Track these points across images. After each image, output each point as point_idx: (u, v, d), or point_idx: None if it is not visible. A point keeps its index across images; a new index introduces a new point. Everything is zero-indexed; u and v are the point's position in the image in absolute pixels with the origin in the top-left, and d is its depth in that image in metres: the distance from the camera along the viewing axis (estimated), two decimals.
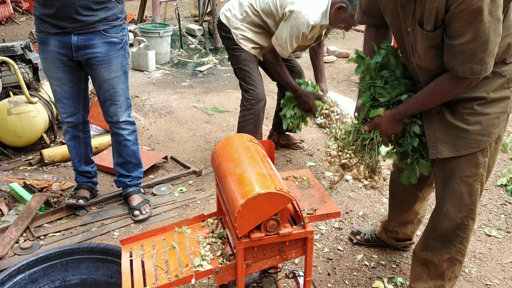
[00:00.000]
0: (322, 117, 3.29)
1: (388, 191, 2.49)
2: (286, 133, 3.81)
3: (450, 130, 1.85)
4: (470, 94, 1.79)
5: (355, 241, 2.68)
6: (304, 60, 5.55)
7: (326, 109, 3.24)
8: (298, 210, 1.64)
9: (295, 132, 3.41)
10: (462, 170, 1.88)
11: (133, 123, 2.93)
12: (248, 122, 3.36)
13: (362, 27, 3.94)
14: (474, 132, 1.82)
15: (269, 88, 3.66)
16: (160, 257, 1.86)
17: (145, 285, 1.75)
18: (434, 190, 2.15)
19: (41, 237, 2.76)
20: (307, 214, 1.77)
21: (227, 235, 1.90)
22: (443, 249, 2.00)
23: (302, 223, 1.66)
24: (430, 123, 1.91)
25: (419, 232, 2.64)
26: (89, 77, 2.80)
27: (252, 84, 3.30)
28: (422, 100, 1.86)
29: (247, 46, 3.26)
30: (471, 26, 1.54)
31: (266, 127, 3.90)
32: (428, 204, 2.50)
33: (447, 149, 1.86)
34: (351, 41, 7.39)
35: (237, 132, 3.50)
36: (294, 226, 1.65)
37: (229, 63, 6.41)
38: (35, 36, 6.00)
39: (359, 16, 2.07)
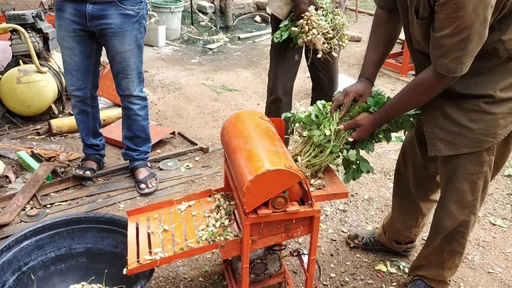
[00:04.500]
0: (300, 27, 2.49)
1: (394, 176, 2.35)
2: None
3: (451, 127, 1.76)
4: (476, 91, 1.69)
5: (352, 245, 2.52)
6: None
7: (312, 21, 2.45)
8: (307, 188, 1.64)
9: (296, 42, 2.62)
10: (464, 168, 1.81)
11: (144, 99, 2.92)
12: (266, 110, 3.13)
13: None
14: (477, 131, 1.72)
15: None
16: (166, 230, 1.87)
17: (150, 255, 1.76)
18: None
19: (48, 206, 2.79)
20: (317, 189, 1.76)
21: (233, 210, 1.91)
22: (445, 243, 2.00)
23: (309, 202, 1.67)
24: (430, 120, 1.83)
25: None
26: (103, 49, 2.78)
27: (270, 75, 3.00)
28: (403, 99, 1.76)
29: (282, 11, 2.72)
30: (452, 21, 1.46)
31: None
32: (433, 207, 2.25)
33: (446, 146, 1.79)
34: (364, 25, 7.29)
35: None
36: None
37: (239, 42, 6.45)
38: (45, 7, 5.98)
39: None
